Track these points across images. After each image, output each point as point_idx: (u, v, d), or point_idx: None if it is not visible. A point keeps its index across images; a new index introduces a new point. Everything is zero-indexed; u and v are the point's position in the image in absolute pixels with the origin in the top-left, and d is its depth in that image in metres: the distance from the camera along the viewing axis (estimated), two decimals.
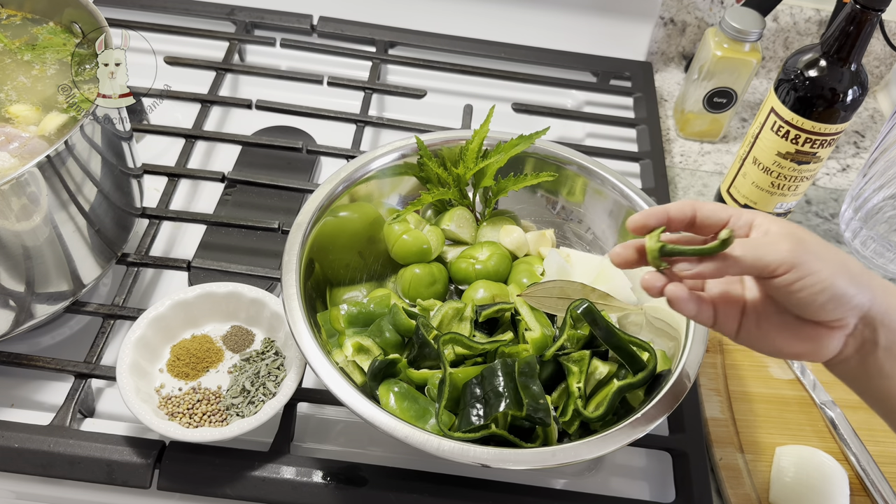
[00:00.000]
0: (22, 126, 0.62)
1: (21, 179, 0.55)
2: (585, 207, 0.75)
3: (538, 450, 0.54)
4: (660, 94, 1.08)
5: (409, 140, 0.72)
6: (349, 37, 1.01)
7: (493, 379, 0.57)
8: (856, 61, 0.74)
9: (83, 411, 0.65)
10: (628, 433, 0.54)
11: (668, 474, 0.66)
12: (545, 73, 1.01)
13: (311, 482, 0.60)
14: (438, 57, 1.01)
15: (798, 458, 0.66)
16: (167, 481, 0.60)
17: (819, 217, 0.94)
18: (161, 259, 0.74)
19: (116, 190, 0.67)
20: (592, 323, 0.59)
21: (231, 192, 0.82)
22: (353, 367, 0.61)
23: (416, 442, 0.52)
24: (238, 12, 1.01)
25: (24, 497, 0.63)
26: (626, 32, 1.05)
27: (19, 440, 0.60)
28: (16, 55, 0.67)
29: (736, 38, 0.90)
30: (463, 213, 0.73)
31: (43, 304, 0.64)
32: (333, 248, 0.68)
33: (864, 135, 1.06)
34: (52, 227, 0.60)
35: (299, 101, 0.90)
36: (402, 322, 0.61)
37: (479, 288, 0.67)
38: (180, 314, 0.66)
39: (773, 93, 0.80)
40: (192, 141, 0.85)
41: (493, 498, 0.61)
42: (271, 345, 0.66)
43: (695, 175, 0.97)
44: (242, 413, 0.61)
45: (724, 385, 0.72)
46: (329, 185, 0.68)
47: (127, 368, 0.61)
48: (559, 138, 0.92)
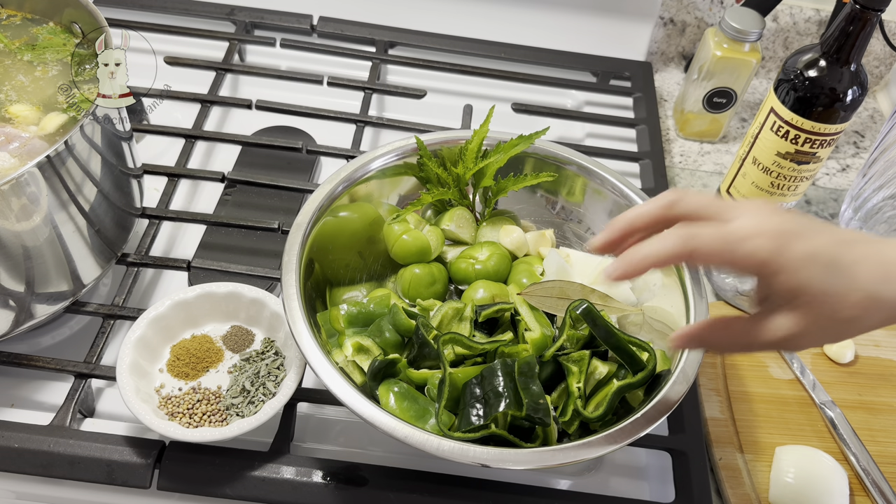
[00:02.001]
0: (22, 126, 0.62)
1: (21, 179, 0.55)
2: (585, 207, 0.75)
3: (538, 450, 0.54)
4: (660, 94, 1.08)
5: (409, 140, 0.72)
6: (349, 37, 1.01)
7: (493, 379, 0.57)
8: (856, 61, 0.74)
9: (83, 411, 0.65)
10: (628, 433, 0.54)
11: (668, 474, 0.66)
12: (545, 73, 1.01)
13: (311, 482, 0.60)
14: (438, 57, 1.01)
15: (798, 458, 0.66)
16: (167, 481, 0.60)
17: (819, 217, 0.94)
18: (161, 259, 0.74)
19: (116, 190, 0.67)
20: (592, 323, 0.59)
21: (231, 192, 0.82)
22: (352, 367, 0.61)
23: (416, 442, 0.52)
24: (238, 12, 1.01)
25: (24, 497, 0.63)
26: (626, 32, 1.05)
27: (19, 440, 0.60)
28: (16, 55, 0.67)
29: (736, 38, 0.90)
30: (463, 213, 0.73)
31: (43, 304, 0.64)
32: (333, 248, 0.68)
33: (864, 135, 1.06)
34: (52, 227, 0.60)
35: (299, 101, 0.90)
36: (402, 322, 0.61)
37: (479, 288, 0.67)
38: (180, 314, 0.66)
39: (772, 93, 0.80)
40: (192, 141, 0.85)
41: (493, 498, 0.61)
42: (271, 345, 0.66)
43: (694, 175, 0.97)
44: (242, 413, 0.61)
45: (724, 385, 0.73)
46: (329, 185, 0.68)
47: (127, 368, 0.61)
48: (559, 138, 0.93)
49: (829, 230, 0.44)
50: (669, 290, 0.65)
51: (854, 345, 0.76)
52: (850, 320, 0.43)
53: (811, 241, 0.43)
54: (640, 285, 0.69)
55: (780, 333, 0.44)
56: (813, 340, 0.45)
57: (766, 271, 0.43)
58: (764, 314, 0.45)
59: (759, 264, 0.43)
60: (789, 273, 0.43)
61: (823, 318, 0.43)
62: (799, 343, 0.45)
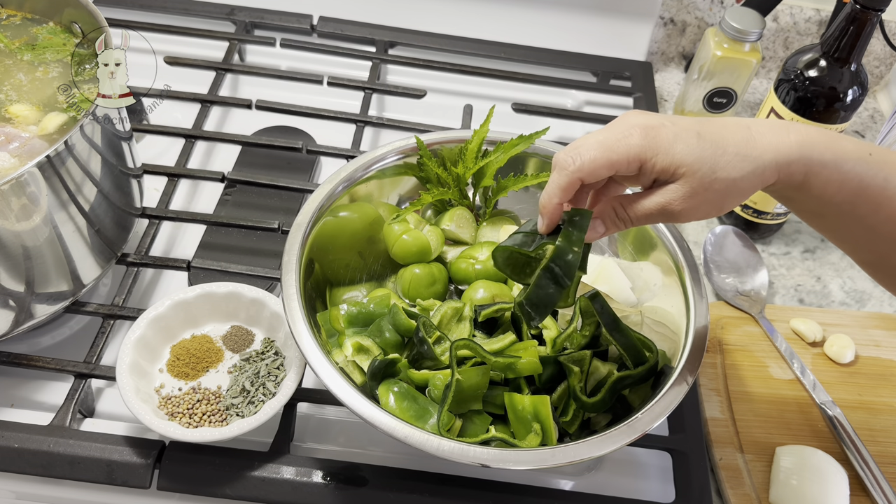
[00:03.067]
0: (22, 126, 0.62)
1: (21, 179, 0.55)
2: None
3: (538, 450, 0.54)
4: (660, 94, 1.08)
5: (409, 140, 0.72)
6: (349, 37, 1.01)
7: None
8: (856, 61, 0.74)
9: (83, 411, 0.65)
10: (628, 433, 0.54)
11: (668, 474, 0.66)
12: (545, 73, 1.01)
13: (311, 482, 0.60)
14: (438, 57, 1.01)
15: (798, 458, 0.66)
16: (167, 481, 0.60)
17: None
18: (161, 259, 0.74)
19: (116, 190, 0.67)
20: (600, 310, 0.60)
21: (231, 192, 0.82)
22: (352, 367, 0.61)
23: (416, 442, 0.52)
24: (238, 12, 1.01)
25: (24, 497, 0.63)
26: (626, 32, 1.05)
27: (19, 440, 0.60)
28: (16, 55, 0.67)
29: (736, 38, 0.90)
30: (463, 213, 0.73)
31: (43, 304, 0.64)
32: (333, 248, 0.68)
33: (864, 135, 1.06)
34: (51, 227, 0.60)
35: (299, 101, 0.90)
36: (402, 322, 0.61)
37: (479, 288, 0.67)
38: (180, 314, 0.66)
39: (773, 93, 0.80)
40: (192, 141, 0.85)
41: (493, 498, 0.61)
42: (271, 345, 0.66)
43: None
44: (242, 413, 0.61)
45: (724, 385, 0.73)
46: (329, 185, 0.68)
47: (127, 368, 0.61)
48: (559, 138, 0.93)
49: (691, 118, 0.50)
50: (670, 291, 0.65)
51: (854, 345, 0.77)
52: (727, 180, 0.48)
53: (677, 124, 0.49)
54: (640, 285, 0.69)
55: (675, 202, 0.49)
56: (694, 207, 0.50)
57: (644, 158, 0.48)
58: (659, 188, 0.50)
59: (637, 154, 0.48)
60: (664, 153, 0.48)
61: (705, 181, 0.48)
62: (682, 210, 0.50)
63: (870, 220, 0.51)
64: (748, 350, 0.76)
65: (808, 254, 0.90)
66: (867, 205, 0.50)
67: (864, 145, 0.50)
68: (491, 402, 0.60)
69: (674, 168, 0.48)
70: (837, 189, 0.49)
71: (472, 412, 0.59)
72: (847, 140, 0.50)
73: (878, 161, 0.49)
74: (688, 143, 0.48)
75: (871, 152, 0.49)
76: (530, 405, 0.57)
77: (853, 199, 0.50)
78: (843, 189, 0.49)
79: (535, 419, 0.57)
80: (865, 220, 0.51)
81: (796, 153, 0.48)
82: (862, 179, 0.49)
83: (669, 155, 0.48)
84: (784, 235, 0.91)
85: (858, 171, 0.49)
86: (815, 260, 0.89)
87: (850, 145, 0.49)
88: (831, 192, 0.50)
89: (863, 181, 0.49)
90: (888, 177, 0.49)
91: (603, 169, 0.49)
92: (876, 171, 0.49)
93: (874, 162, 0.49)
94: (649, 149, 0.48)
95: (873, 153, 0.49)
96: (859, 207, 0.50)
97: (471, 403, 0.58)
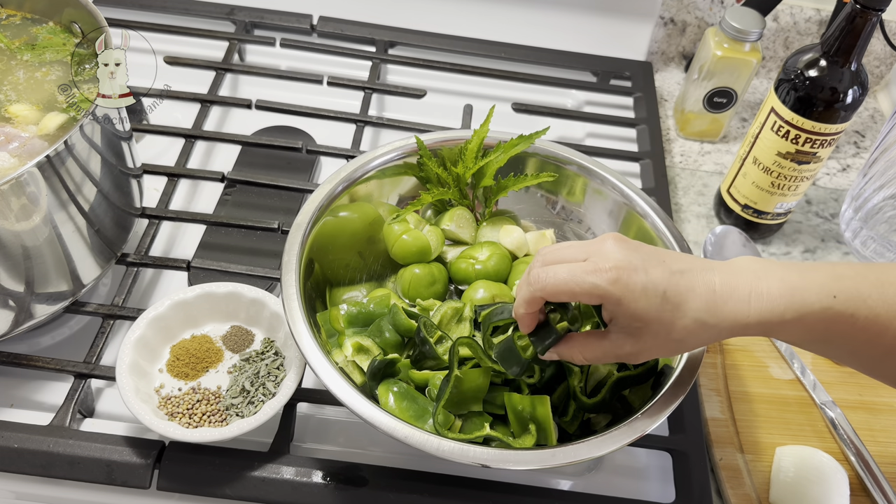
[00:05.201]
0: (22, 126, 0.62)
1: (21, 179, 0.55)
2: (585, 207, 0.75)
3: (538, 450, 0.54)
4: (660, 93, 1.08)
5: (409, 140, 0.72)
6: (349, 37, 1.01)
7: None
8: (856, 61, 0.74)
9: (83, 411, 0.65)
10: (628, 433, 0.54)
11: (668, 474, 0.66)
12: (545, 73, 1.01)
13: (311, 482, 0.60)
14: (438, 57, 1.01)
15: (798, 458, 0.66)
16: (167, 481, 0.60)
17: (819, 217, 0.94)
18: (161, 259, 0.74)
19: (116, 190, 0.67)
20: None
21: (231, 192, 0.82)
22: (352, 367, 0.61)
23: (416, 442, 0.52)
24: (238, 12, 1.01)
25: (24, 497, 0.63)
26: (626, 32, 1.05)
27: (19, 440, 0.60)
28: (16, 55, 0.67)
29: (736, 38, 0.90)
30: (463, 213, 0.73)
31: (43, 304, 0.64)
32: (333, 248, 0.68)
33: (865, 135, 1.06)
34: (51, 227, 0.60)
35: (299, 101, 0.90)
36: (402, 322, 0.61)
37: (479, 288, 0.67)
38: (180, 314, 0.66)
39: (773, 93, 0.80)
40: (192, 141, 0.85)
41: (493, 498, 0.61)
42: (271, 345, 0.66)
43: (695, 175, 0.97)
44: (242, 413, 0.61)
45: (724, 385, 0.72)
46: (329, 185, 0.68)
47: (126, 368, 0.61)
48: (559, 138, 0.92)
49: (664, 263, 0.50)
50: None
51: None
52: (681, 340, 0.50)
53: (647, 274, 0.49)
54: None
55: (624, 350, 0.52)
56: (652, 355, 0.53)
57: (606, 300, 0.49)
58: (612, 334, 0.52)
59: (601, 295, 0.49)
60: (628, 303, 0.49)
61: (659, 339, 0.50)
62: (639, 357, 0.53)
63: (846, 348, 0.52)
64: (748, 350, 0.76)
65: (808, 254, 0.89)
66: (839, 339, 0.51)
67: (829, 285, 0.49)
68: (491, 403, 0.60)
69: (631, 321, 0.50)
70: (802, 337, 0.51)
71: (472, 413, 0.59)
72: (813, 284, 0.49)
73: (842, 302, 0.49)
74: (650, 302, 0.49)
75: (837, 294, 0.49)
76: (530, 405, 0.57)
77: (824, 339, 0.51)
78: (810, 334, 0.50)
79: (534, 419, 0.57)
80: (841, 349, 0.52)
81: (755, 321, 0.49)
82: (827, 326, 0.49)
83: (630, 309, 0.49)
84: (784, 235, 0.91)
85: (823, 318, 0.49)
86: (815, 260, 0.89)
87: (813, 296, 0.49)
88: (796, 340, 0.51)
89: (828, 328, 0.49)
90: (855, 313, 0.49)
91: (564, 295, 0.51)
92: (840, 311, 0.49)
93: (839, 304, 0.49)
94: (613, 295, 0.49)
95: (838, 294, 0.49)
96: (832, 343, 0.52)
97: (471, 404, 0.58)
